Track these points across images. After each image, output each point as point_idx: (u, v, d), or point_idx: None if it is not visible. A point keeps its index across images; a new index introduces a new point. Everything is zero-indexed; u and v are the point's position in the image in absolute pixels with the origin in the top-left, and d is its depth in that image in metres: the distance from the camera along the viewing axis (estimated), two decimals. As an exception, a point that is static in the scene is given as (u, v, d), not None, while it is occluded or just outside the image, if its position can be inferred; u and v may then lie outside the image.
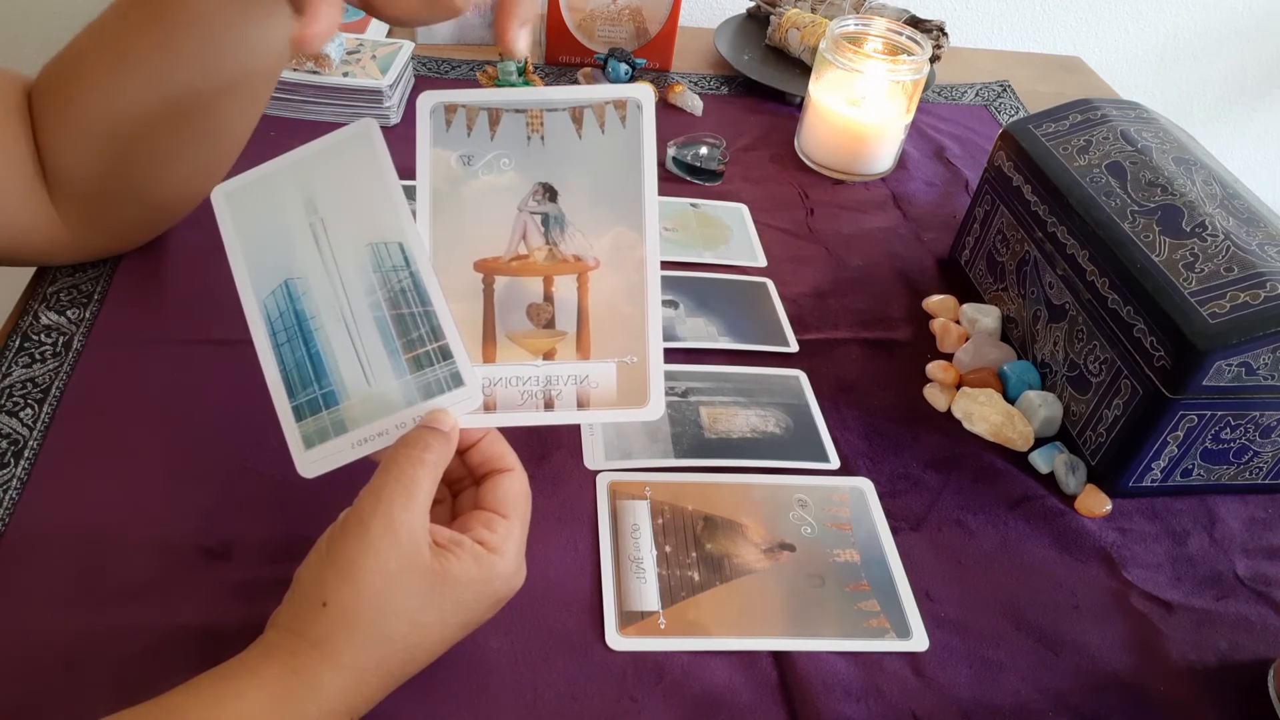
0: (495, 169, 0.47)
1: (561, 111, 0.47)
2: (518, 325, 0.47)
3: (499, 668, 0.48)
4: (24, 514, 0.51)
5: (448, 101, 0.47)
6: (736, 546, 0.56)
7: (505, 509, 0.45)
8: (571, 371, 0.47)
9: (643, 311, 0.47)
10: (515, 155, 0.47)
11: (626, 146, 0.47)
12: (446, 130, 0.47)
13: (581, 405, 0.47)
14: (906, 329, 0.74)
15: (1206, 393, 0.57)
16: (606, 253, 0.47)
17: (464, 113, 0.47)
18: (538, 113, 0.47)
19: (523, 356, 0.47)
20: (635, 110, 0.47)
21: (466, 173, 0.47)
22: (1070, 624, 0.55)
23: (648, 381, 0.47)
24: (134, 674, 0.45)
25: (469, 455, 0.47)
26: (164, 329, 0.63)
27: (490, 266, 0.47)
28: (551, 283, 0.47)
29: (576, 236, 0.47)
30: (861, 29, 0.90)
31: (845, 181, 0.91)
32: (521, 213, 0.47)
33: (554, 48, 1.01)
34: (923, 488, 0.61)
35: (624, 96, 0.47)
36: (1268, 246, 0.59)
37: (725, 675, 0.50)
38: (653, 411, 0.47)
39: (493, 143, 0.47)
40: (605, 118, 0.47)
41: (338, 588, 0.40)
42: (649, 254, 0.47)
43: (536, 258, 0.47)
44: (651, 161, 0.47)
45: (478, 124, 0.47)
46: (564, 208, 0.47)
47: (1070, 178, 0.67)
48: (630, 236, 0.47)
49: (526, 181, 0.47)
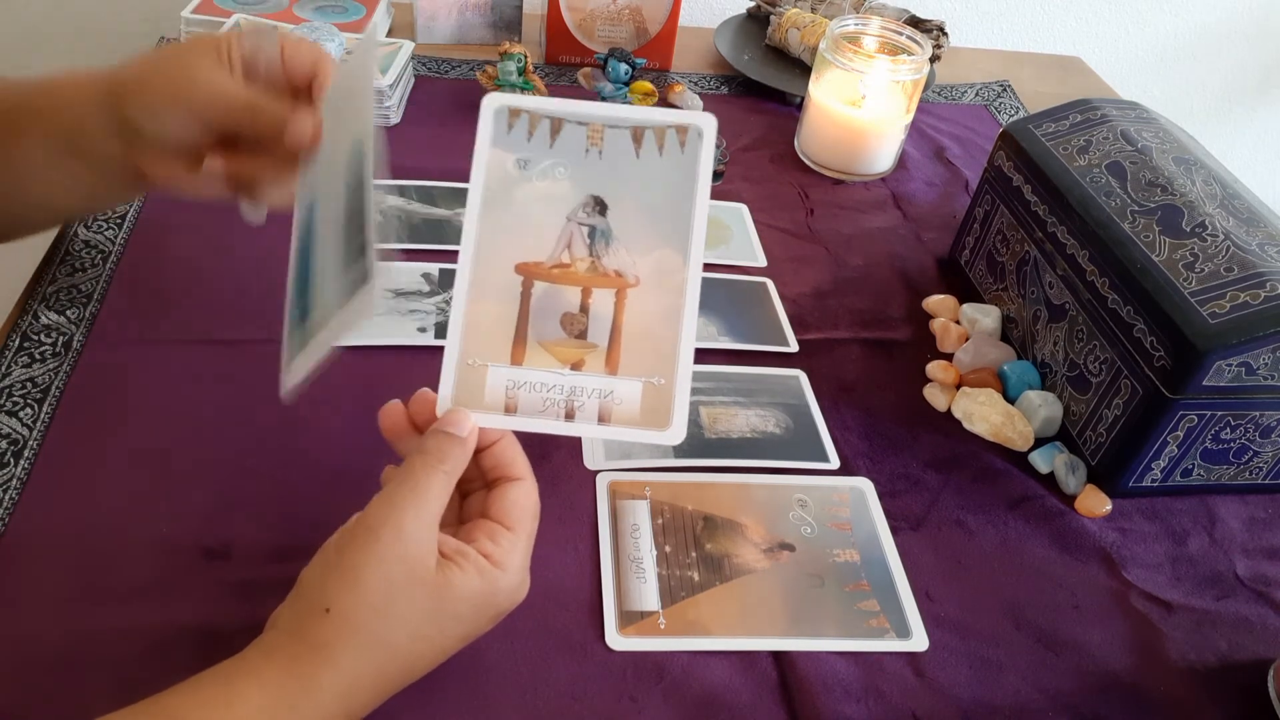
0: (550, 176, 0.47)
1: (623, 129, 0.47)
2: (550, 332, 0.47)
3: (499, 667, 0.48)
4: (24, 514, 0.51)
5: (513, 105, 0.47)
6: (736, 546, 0.56)
7: (511, 521, 0.45)
8: (597, 385, 0.47)
9: (676, 335, 0.47)
10: (571, 165, 0.47)
11: (682, 171, 0.47)
12: (508, 133, 0.47)
13: (602, 420, 0.47)
14: (906, 329, 0.74)
15: (1206, 393, 0.57)
16: (648, 273, 0.47)
17: (527, 118, 0.47)
18: (599, 127, 0.47)
19: (550, 363, 0.47)
20: (695, 137, 0.47)
21: (521, 176, 0.47)
22: (1070, 624, 0.55)
23: (672, 405, 0.46)
24: (134, 674, 0.45)
25: (483, 457, 0.47)
26: (164, 329, 0.63)
27: (532, 270, 0.47)
28: (589, 294, 0.47)
29: (620, 252, 0.47)
30: (861, 29, 0.90)
31: (845, 181, 0.91)
32: (570, 222, 0.47)
33: (554, 47, 1.01)
34: (923, 488, 0.61)
35: (687, 123, 0.47)
36: (1268, 246, 0.59)
37: (725, 675, 0.50)
38: (674, 436, 0.46)
39: (551, 150, 0.47)
40: (665, 140, 0.47)
41: (342, 594, 0.40)
42: (690, 280, 0.47)
43: (578, 268, 0.47)
44: (705, 189, 0.47)
45: (539, 131, 0.47)
46: (612, 223, 0.47)
47: (1070, 178, 0.67)
48: (674, 260, 0.47)
49: (579, 192, 0.47)
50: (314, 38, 0.84)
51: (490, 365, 0.46)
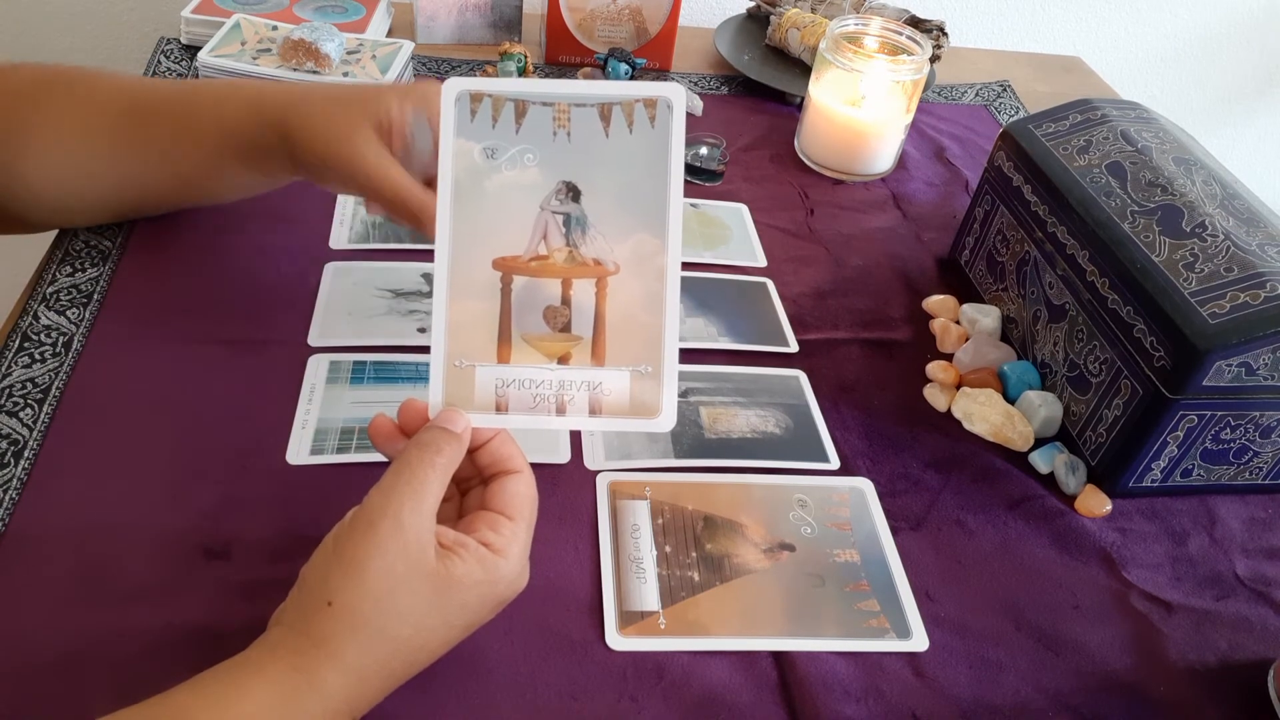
0: (519, 164, 0.46)
1: (590, 108, 0.46)
2: (534, 327, 0.46)
3: (499, 667, 0.48)
4: (24, 514, 0.51)
5: (474, 90, 0.46)
6: (736, 546, 0.56)
7: (511, 511, 0.45)
8: (585, 378, 0.46)
9: (660, 321, 0.46)
10: (540, 151, 0.46)
11: (654, 149, 0.46)
12: (471, 120, 0.46)
13: (593, 412, 0.46)
14: (906, 329, 0.74)
15: (1206, 393, 0.57)
16: (627, 258, 0.46)
17: (490, 102, 0.46)
18: (565, 108, 0.46)
19: (537, 359, 0.46)
20: (665, 110, 0.46)
21: (490, 166, 0.46)
22: (1070, 624, 0.55)
23: (661, 393, 0.46)
24: (134, 674, 0.45)
25: (478, 455, 0.47)
26: (164, 329, 0.63)
27: (509, 266, 0.46)
28: (570, 286, 0.46)
29: (598, 240, 0.46)
30: (861, 29, 0.90)
31: (845, 181, 0.91)
32: (544, 212, 0.46)
33: (554, 48, 1.01)
34: (923, 488, 0.61)
35: (655, 95, 0.46)
36: (1268, 246, 0.59)
37: (725, 675, 0.50)
38: (664, 423, 0.46)
39: (517, 136, 0.46)
40: (634, 117, 0.46)
41: (343, 588, 0.40)
42: (670, 263, 0.46)
43: (556, 259, 0.46)
44: (678, 166, 0.46)
45: (503, 115, 0.46)
46: (586, 209, 0.46)
47: (1070, 178, 0.67)
48: (652, 243, 0.46)
49: (550, 179, 0.46)
50: (314, 38, 0.84)
51: (478, 365, 0.46)
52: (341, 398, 0.60)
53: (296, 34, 0.84)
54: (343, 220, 0.75)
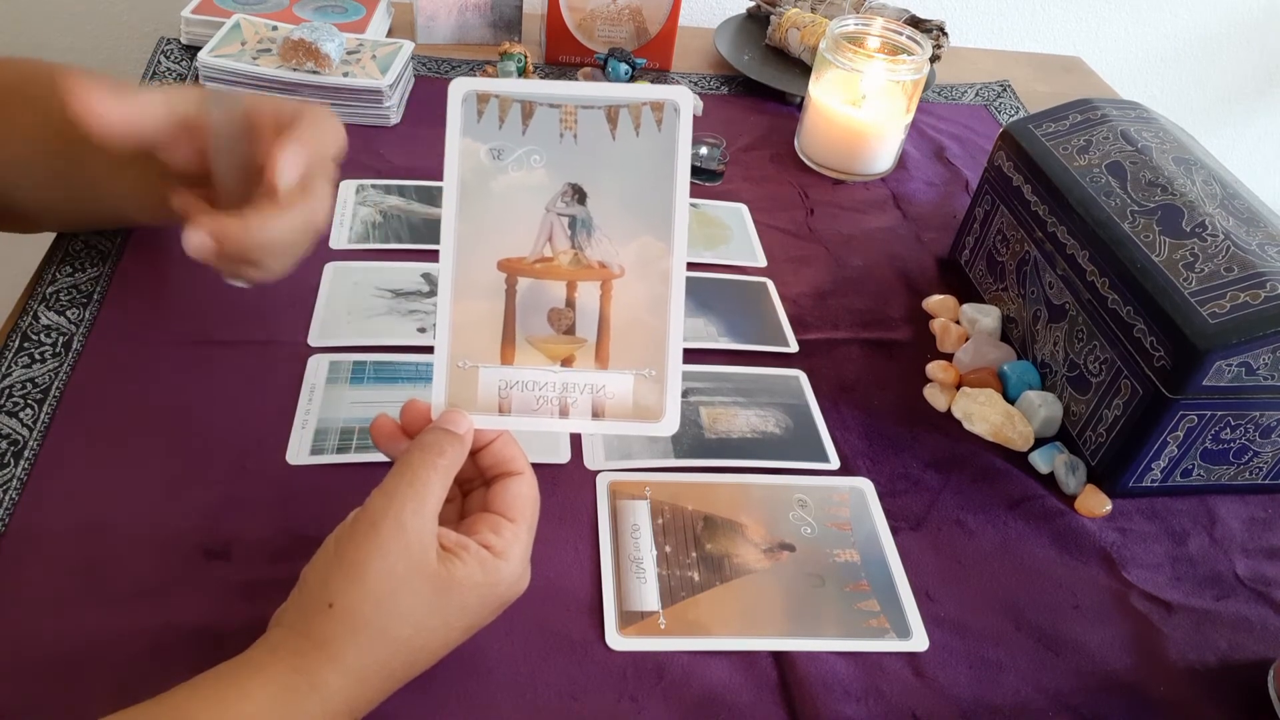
0: (526, 165, 0.46)
1: (597, 110, 0.46)
2: (538, 329, 0.46)
3: (499, 667, 0.48)
4: (24, 514, 0.51)
5: (480, 90, 0.45)
6: (736, 546, 0.56)
7: (513, 513, 0.45)
8: (589, 380, 0.46)
9: (665, 325, 0.46)
10: (546, 152, 0.46)
11: (660, 152, 0.46)
12: (478, 121, 0.46)
13: (596, 415, 0.46)
14: (906, 329, 0.74)
15: (1206, 393, 0.57)
16: (632, 261, 0.46)
17: (496, 103, 0.46)
18: (572, 109, 0.46)
19: (541, 361, 0.46)
20: (672, 114, 0.45)
21: (496, 167, 0.46)
22: (1070, 624, 0.55)
23: (664, 396, 0.46)
24: (134, 674, 0.45)
25: (480, 456, 0.47)
26: (164, 329, 0.63)
27: (514, 267, 0.46)
28: (575, 288, 0.46)
29: (603, 242, 0.46)
30: (861, 29, 0.90)
31: (845, 181, 0.91)
32: (549, 213, 0.46)
33: (554, 48, 1.01)
34: (923, 488, 0.61)
35: (662, 99, 0.45)
36: (1268, 246, 0.59)
37: (725, 675, 0.50)
38: (667, 427, 0.46)
39: (524, 137, 0.46)
40: (641, 120, 0.46)
41: (345, 589, 0.40)
42: (675, 266, 0.46)
43: (561, 261, 0.46)
44: (684, 170, 0.46)
45: (510, 116, 0.46)
46: (592, 211, 0.46)
47: (1070, 178, 0.67)
48: (657, 247, 0.46)
49: (556, 181, 0.46)
50: (314, 38, 0.84)
51: (481, 367, 0.46)
52: (341, 398, 0.60)
53: (296, 34, 0.84)
54: (343, 220, 0.75)
